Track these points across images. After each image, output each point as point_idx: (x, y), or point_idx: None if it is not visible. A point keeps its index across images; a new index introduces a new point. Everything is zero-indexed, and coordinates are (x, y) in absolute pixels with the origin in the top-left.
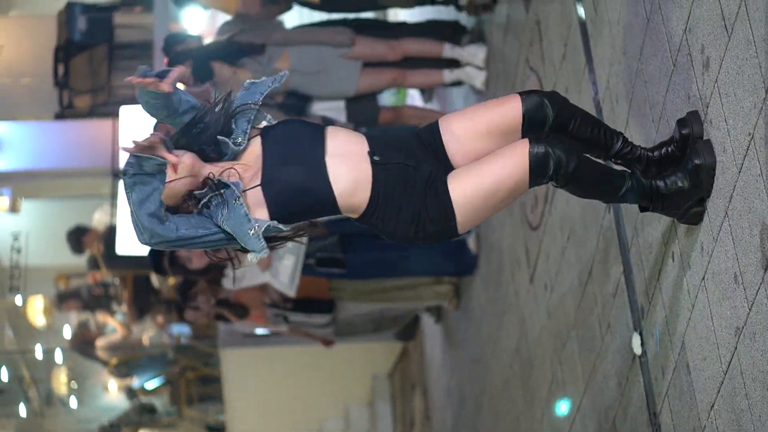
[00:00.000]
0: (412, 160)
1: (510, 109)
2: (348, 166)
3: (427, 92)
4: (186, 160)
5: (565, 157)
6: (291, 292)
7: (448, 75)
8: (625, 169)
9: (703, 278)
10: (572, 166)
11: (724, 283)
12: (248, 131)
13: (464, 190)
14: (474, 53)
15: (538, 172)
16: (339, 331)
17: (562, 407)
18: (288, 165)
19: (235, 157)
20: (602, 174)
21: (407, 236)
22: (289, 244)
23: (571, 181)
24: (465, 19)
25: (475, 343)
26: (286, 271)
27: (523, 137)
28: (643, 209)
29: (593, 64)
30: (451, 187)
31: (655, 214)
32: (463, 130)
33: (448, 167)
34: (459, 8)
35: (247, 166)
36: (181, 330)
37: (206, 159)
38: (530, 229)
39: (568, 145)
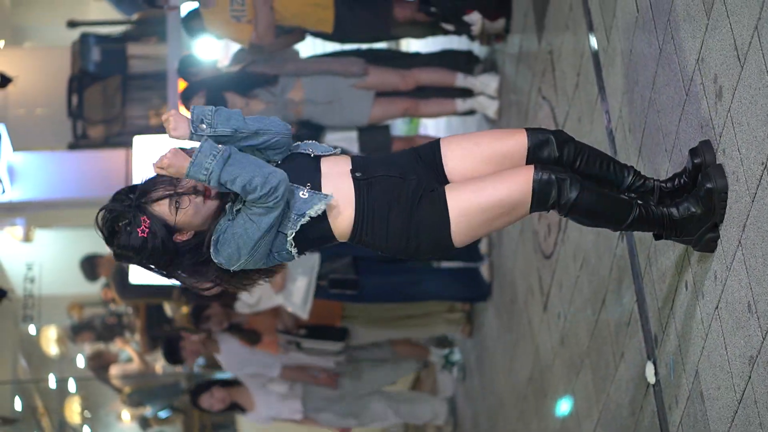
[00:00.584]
0: (397, 171)
1: (516, 143)
2: (329, 188)
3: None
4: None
5: (569, 185)
6: (304, 314)
7: (461, 104)
8: (634, 196)
9: (717, 307)
10: (575, 195)
11: (738, 312)
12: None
13: (462, 201)
14: (487, 83)
15: (540, 198)
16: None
17: None
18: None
19: None
20: (607, 203)
21: (401, 248)
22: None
23: (574, 209)
24: (478, 48)
25: (489, 371)
26: (299, 293)
27: None
28: (657, 237)
29: (606, 94)
30: (448, 196)
31: (669, 242)
32: (465, 151)
33: (443, 181)
34: (472, 38)
35: None
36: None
37: None
38: (543, 258)
39: (573, 174)
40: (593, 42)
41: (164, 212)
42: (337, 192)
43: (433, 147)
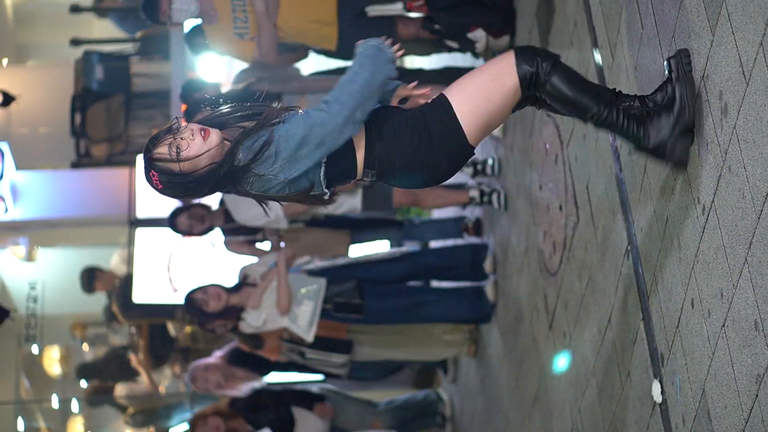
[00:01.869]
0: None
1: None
2: None
3: None
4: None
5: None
6: (309, 338)
7: None
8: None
9: (723, 325)
10: (556, 57)
11: (745, 330)
12: None
13: (461, 98)
14: None
15: (524, 53)
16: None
17: None
18: None
19: None
20: (587, 81)
21: (421, 163)
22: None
23: (555, 68)
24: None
25: (494, 391)
26: (304, 316)
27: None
28: (636, 146)
29: None
30: (450, 99)
31: (674, 260)
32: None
33: None
34: (476, 55)
35: None
36: None
37: None
38: (549, 276)
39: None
40: (598, 58)
41: (167, 160)
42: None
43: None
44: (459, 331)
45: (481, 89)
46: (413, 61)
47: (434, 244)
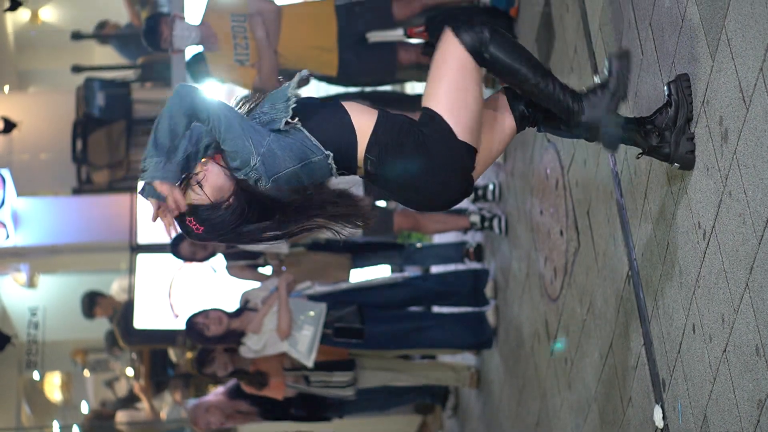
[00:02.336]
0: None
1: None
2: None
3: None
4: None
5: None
6: (309, 363)
7: None
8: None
9: (725, 350)
10: (494, 25)
11: (746, 355)
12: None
13: (427, 93)
14: None
15: (458, 26)
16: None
17: None
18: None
19: None
20: (528, 53)
21: (414, 152)
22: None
23: (494, 35)
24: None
25: (495, 417)
26: (305, 341)
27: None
28: (570, 117)
29: None
30: (424, 101)
31: (674, 284)
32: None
33: None
34: None
35: None
36: None
37: None
38: (550, 302)
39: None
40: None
41: (196, 198)
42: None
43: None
44: (462, 370)
45: (445, 82)
46: (413, 87)
47: (435, 269)
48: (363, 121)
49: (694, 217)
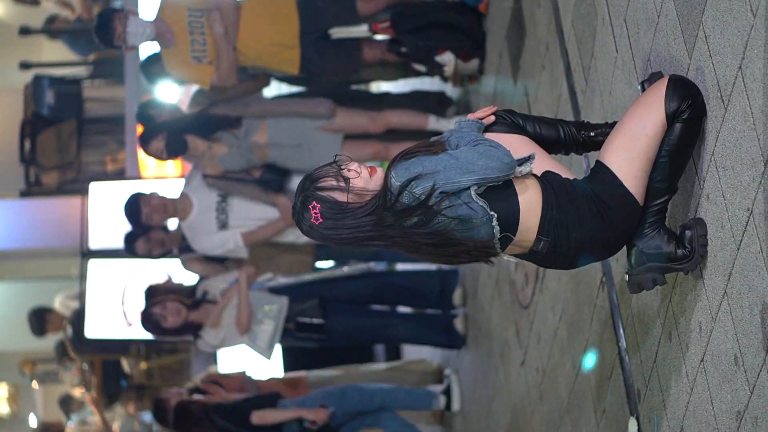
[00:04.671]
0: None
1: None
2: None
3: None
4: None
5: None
6: (268, 357)
7: None
8: None
9: (702, 360)
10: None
11: (724, 365)
12: None
13: (612, 150)
14: None
15: (677, 89)
16: None
17: None
18: None
19: None
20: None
21: (592, 223)
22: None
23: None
24: (450, 90)
25: (464, 429)
26: (264, 336)
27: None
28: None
29: None
30: (603, 159)
31: (650, 297)
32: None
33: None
34: (444, 79)
35: None
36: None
37: None
38: (521, 309)
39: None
40: (571, 82)
41: (335, 187)
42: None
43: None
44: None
45: (638, 147)
46: (379, 86)
47: (401, 267)
48: (531, 196)
49: (670, 221)
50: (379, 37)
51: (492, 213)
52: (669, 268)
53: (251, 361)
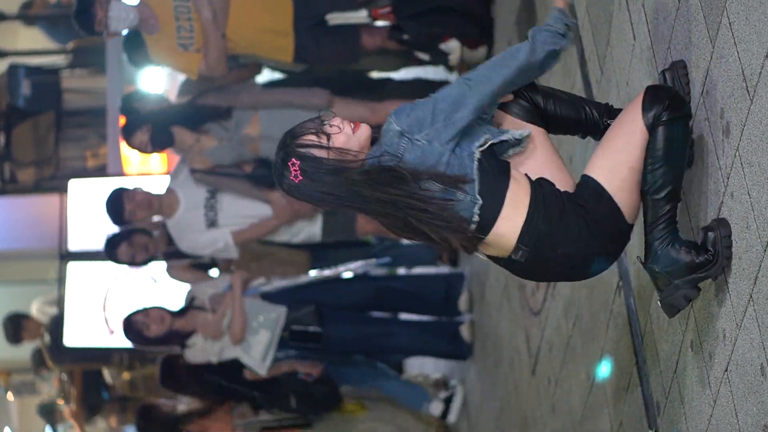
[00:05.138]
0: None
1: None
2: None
3: None
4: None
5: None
6: (262, 371)
7: None
8: None
9: (726, 370)
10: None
11: (750, 375)
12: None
13: (598, 163)
14: None
15: (654, 98)
16: None
17: None
18: None
19: None
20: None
21: (578, 238)
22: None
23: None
24: (456, 78)
25: None
26: (258, 346)
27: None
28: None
29: None
30: (589, 173)
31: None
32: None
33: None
34: (449, 69)
35: None
36: None
37: None
38: (531, 315)
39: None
40: (585, 71)
41: (315, 146)
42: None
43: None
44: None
45: (624, 157)
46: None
47: (403, 272)
48: (519, 198)
49: (692, 221)
50: (379, 23)
51: (478, 198)
52: (695, 279)
53: None
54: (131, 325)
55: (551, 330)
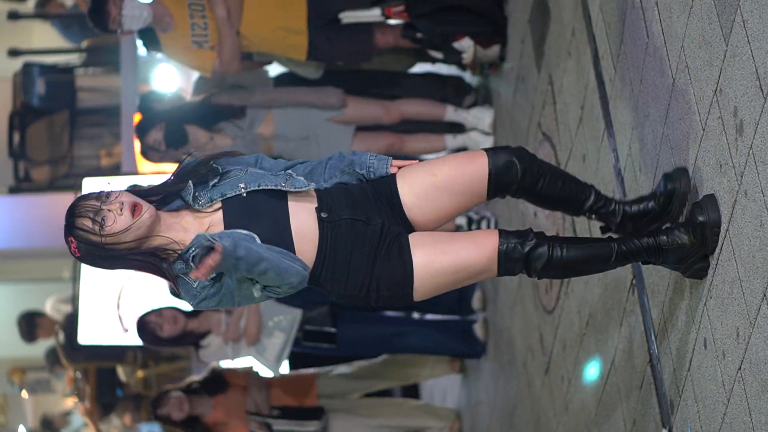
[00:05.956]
0: (362, 214)
1: (476, 169)
2: (295, 225)
3: None
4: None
5: (536, 253)
6: (276, 372)
7: (451, 141)
8: (611, 235)
9: (740, 368)
10: (543, 261)
11: (764, 373)
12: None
13: (428, 263)
14: (479, 117)
15: (507, 268)
16: None
17: None
18: (254, 220)
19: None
20: (582, 252)
21: (359, 295)
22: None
23: (546, 271)
24: (469, 78)
25: None
26: (273, 348)
27: (488, 197)
28: (644, 263)
29: (613, 129)
30: (413, 251)
31: (685, 297)
32: (420, 187)
33: (404, 220)
34: (462, 67)
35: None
36: (151, 430)
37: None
38: (545, 313)
39: (539, 236)
40: (599, 71)
41: (89, 230)
42: (302, 229)
43: (389, 183)
44: (441, 363)
45: (452, 279)
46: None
47: None
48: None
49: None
50: (392, 21)
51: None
52: (691, 262)
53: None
54: (145, 326)
55: (564, 328)
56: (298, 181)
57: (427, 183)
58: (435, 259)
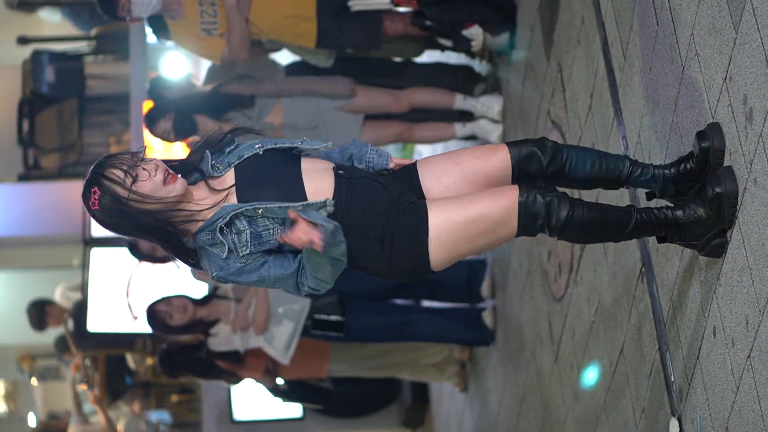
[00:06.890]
0: (382, 180)
1: (498, 160)
2: (310, 183)
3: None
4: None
5: (557, 205)
6: (285, 360)
7: (461, 129)
8: (630, 204)
9: (749, 356)
10: (564, 214)
11: None
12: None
13: (443, 215)
14: (489, 105)
15: (527, 221)
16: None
17: None
18: (263, 187)
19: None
20: (601, 215)
21: (373, 252)
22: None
23: (566, 229)
24: (479, 66)
25: (492, 430)
26: (282, 337)
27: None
28: (660, 240)
29: (622, 117)
30: (430, 209)
31: (694, 283)
32: (443, 171)
33: (422, 198)
34: (471, 55)
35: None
36: (160, 417)
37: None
38: (554, 301)
39: (560, 192)
40: (609, 58)
41: (119, 181)
42: (317, 185)
43: (409, 169)
44: (450, 362)
45: (470, 231)
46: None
47: None
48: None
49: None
50: (401, 9)
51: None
52: (709, 238)
53: None
54: (154, 314)
55: (574, 316)
56: (313, 142)
57: (449, 170)
58: (451, 212)
